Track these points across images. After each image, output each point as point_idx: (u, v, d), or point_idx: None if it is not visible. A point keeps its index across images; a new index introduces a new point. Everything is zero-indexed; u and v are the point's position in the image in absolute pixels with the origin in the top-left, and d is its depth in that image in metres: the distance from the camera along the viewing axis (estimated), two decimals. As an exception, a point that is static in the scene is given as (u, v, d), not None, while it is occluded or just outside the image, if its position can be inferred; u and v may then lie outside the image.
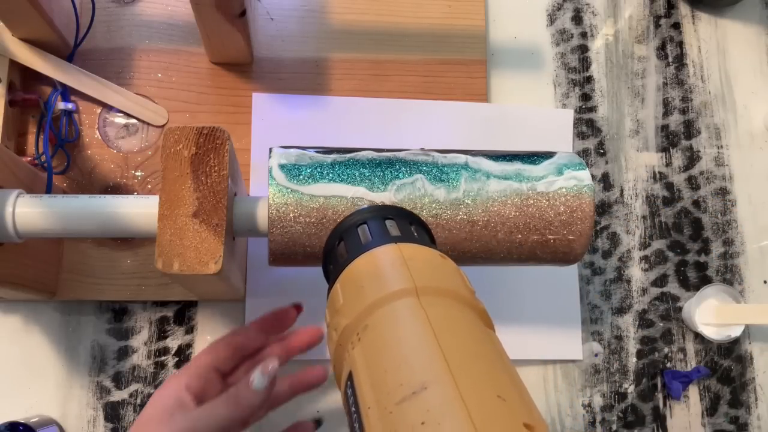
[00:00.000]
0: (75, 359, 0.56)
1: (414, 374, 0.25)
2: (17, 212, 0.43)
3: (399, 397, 0.24)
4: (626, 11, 0.70)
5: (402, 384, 0.24)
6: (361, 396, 0.26)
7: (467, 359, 0.26)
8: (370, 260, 0.33)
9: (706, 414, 0.62)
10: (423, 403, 0.23)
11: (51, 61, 0.56)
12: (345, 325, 0.30)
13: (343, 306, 0.31)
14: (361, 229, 0.36)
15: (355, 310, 0.30)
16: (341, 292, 0.32)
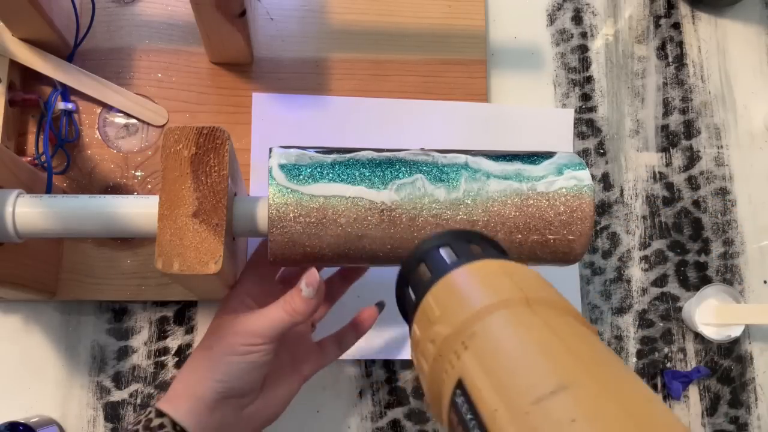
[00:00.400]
0: (75, 359, 0.56)
1: (549, 375, 0.23)
2: (17, 212, 0.43)
3: (534, 397, 0.22)
4: (626, 11, 0.70)
5: (536, 384, 0.23)
6: (481, 401, 0.24)
7: (600, 363, 0.25)
8: (468, 272, 0.31)
9: (706, 414, 0.62)
10: (568, 401, 0.22)
11: (51, 61, 0.56)
12: (446, 335, 0.28)
13: (440, 317, 0.29)
14: (445, 251, 0.34)
15: (458, 318, 0.28)
16: (435, 304, 0.31)
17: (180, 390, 0.43)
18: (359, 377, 0.58)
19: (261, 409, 0.45)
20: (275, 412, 0.46)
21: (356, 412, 0.58)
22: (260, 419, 0.45)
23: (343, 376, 0.58)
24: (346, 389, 0.58)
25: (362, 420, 0.58)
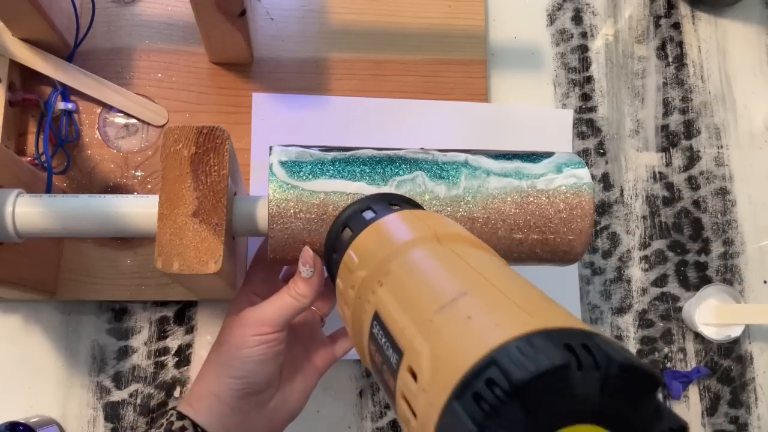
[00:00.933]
0: (75, 359, 0.56)
1: (451, 287, 0.25)
2: (17, 212, 0.43)
3: (437, 306, 0.24)
4: (626, 11, 0.70)
5: (439, 297, 0.25)
6: (392, 322, 0.26)
7: (501, 275, 0.26)
8: (383, 222, 0.34)
9: (706, 414, 0.62)
10: (466, 305, 0.23)
11: (51, 61, 0.56)
12: (364, 277, 0.30)
13: (359, 264, 0.31)
14: (366, 213, 0.37)
15: (374, 261, 0.30)
16: (355, 254, 0.33)
17: (199, 391, 0.43)
18: (359, 377, 0.58)
19: (281, 404, 0.45)
20: (296, 407, 0.46)
21: (356, 412, 0.58)
22: (282, 414, 0.45)
23: (343, 376, 0.58)
24: (346, 389, 0.58)
25: (362, 420, 0.58)
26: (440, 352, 0.22)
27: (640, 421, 0.20)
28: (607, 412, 0.19)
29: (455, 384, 0.20)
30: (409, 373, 0.23)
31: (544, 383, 0.19)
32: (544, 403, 0.19)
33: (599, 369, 0.19)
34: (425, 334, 0.24)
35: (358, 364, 0.58)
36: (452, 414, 0.20)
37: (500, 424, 0.19)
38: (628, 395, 0.19)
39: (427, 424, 0.21)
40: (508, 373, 0.19)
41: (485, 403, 0.19)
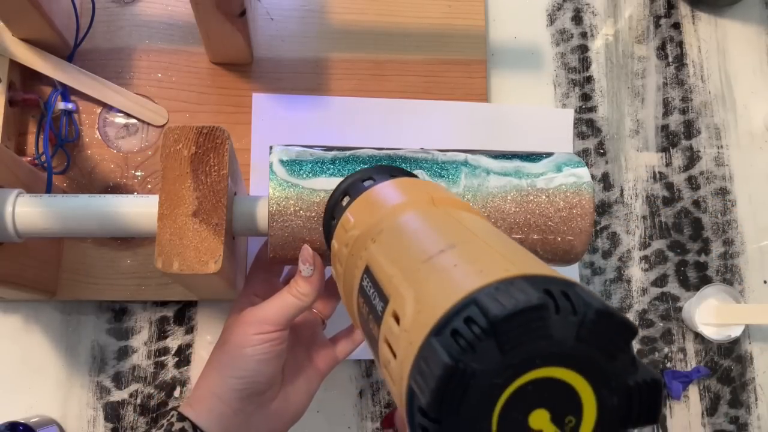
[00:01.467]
0: (75, 359, 0.56)
1: (440, 240, 0.26)
2: (17, 212, 0.43)
3: (426, 257, 0.25)
4: (626, 11, 0.70)
5: (427, 249, 0.25)
6: (381, 273, 0.27)
7: (492, 234, 0.27)
8: (380, 187, 0.34)
9: (706, 414, 0.62)
10: (453, 255, 0.24)
11: (51, 61, 0.56)
12: (358, 235, 0.31)
13: (354, 224, 0.32)
14: (366, 182, 0.38)
15: (369, 221, 0.31)
16: (351, 215, 0.33)
17: (200, 392, 0.43)
18: (359, 377, 0.58)
19: (283, 406, 0.45)
20: (298, 409, 0.46)
21: (356, 412, 0.58)
22: (284, 417, 0.45)
23: (343, 376, 0.58)
24: (346, 389, 0.58)
25: (362, 420, 0.58)
26: (424, 295, 0.23)
27: (615, 370, 0.20)
28: (582, 357, 0.20)
29: (435, 322, 0.21)
30: (393, 318, 0.24)
31: (520, 322, 0.19)
32: (520, 341, 0.19)
33: (576, 314, 0.20)
34: (411, 280, 0.24)
35: (358, 364, 0.58)
36: (430, 349, 0.20)
37: (475, 359, 0.19)
38: (603, 342, 0.20)
39: (406, 361, 0.21)
40: (487, 311, 0.19)
41: (462, 338, 0.19)
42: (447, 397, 0.19)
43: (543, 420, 0.20)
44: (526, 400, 0.20)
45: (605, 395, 0.20)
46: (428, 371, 0.19)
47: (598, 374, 0.20)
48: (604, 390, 0.20)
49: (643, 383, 0.20)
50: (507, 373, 0.19)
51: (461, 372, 0.19)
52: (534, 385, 0.20)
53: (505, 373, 0.19)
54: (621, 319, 0.20)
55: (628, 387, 0.20)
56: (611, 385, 0.20)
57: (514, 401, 0.19)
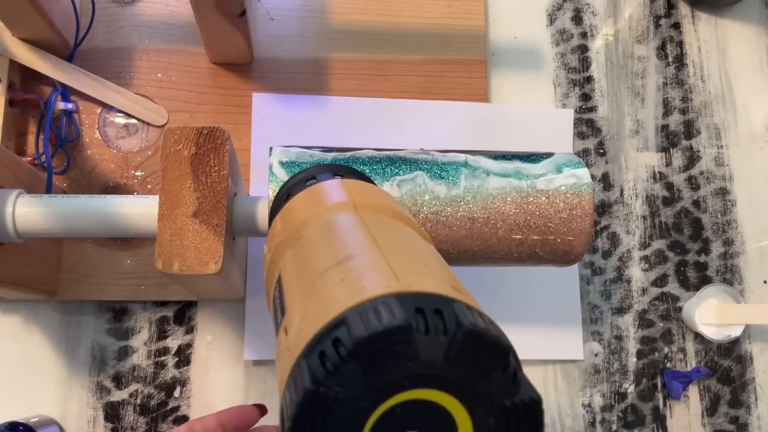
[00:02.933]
0: (75, 359, 0.56)
1: (340, 252, 0.25)
2: (17, 212, 0.43)
3: (322, 270, 0.24)
4: (626, 11, 0.70)
5: (326, 261, 0.24)
6: (286, 285, 0.26)
7: (398, 244, 0.26)
8: (311, 190, 0.34)
9: (706, 414, 0.62)
10: (345, 268, 0.23)
11: (51, 61, 0.56)
12: (279, 242, 0.30)
13: (280, 230, 0.31)
14: (309, 182, 0.37)
15: (292, 226, 0.30)
16: (280, 220, 0.32)
17: None
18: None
19: None
20: None
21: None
22: None
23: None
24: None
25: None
26: (309, 312, 0.22)
27: (490, 390, 0.19)
28: (453, 378, 0.19)
29: (307, 343, 0.20)
30: (284, 333, 0.23)
31: (383, 344, 0.18)
32: (384, 364, 0.19)
33: (446, 334, 0.19)
34: (303, 295, 0.23)
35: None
36: (298, 371, 0.19)
37: (340, 383, 0.18)
38: (474, 362, 0.19)
39: (282, 380, 0.20)
40: (352, 333, 0.19)
41: (328, 361, 0.19)
42: (308, 423, 0.18)
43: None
44: (396, 424, 0.19)
45: (480, 416, 0.19)
46: (293, 395, 0.19)
47: (472, 395, 0.19)
48: (479, 411, 0.19)
49: (521, 404, 0.20)
50: (372, 397, 0.19)
51: (322, 397, 0.18)
52: (403, 407, 0.19)
53: (370, 396, 0.19)
54: (492, 338, 0.19)
55: (505, 408, 0.19)
56: (485, 407, 0.19)
57: (383, 425, 0.19)
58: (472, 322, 0.19)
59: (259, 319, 0.56)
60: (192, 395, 0.56)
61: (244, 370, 0.57)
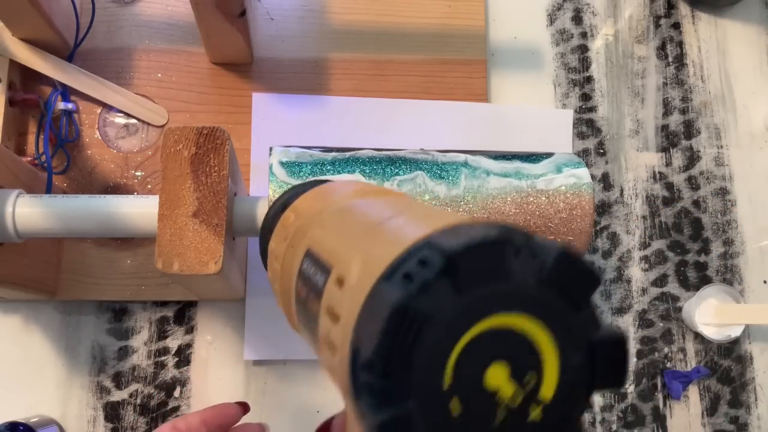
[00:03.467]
0: (75, 359, 0.56)
1: (383, 213, 0.24)
2: (17, 212, 0.43)
3: (373, 224, 0.23)
4: (626, 11, 0.70)
5: (370, 222, 0.24)
6: (323, 250, 0.25)
7: (428, 208, 0.26)
8: (324, 186, 0.33)
9: (706, 414, 0.62)
10: (402, 219, 0.22)
11: (51, 61, 0.56)
12: (299, 225, 0.29)
13: (295, 218, 0.31)
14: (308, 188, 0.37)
15: (312, 212, 0.29)
16: (292, 213, 0.32)
17: None
18: (359, 377, 0.58)
19: None
20: None
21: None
22: None
23: (343, 376, 0.58)
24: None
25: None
26: (372, 253, 0.20)
27: (578, 323, 0.18)
28: (544, 303, 0.18)
29: (384, 269, 0.18)
30: (335, 284, 0.22)
31: (478, 257, 0.17)
32: (478, 280, 0.17)
33: (536, 258, 0.18)
34: (356, 246, 0.22)
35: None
36: (377, 296, 0.18)
37: (429, 302, 0.17)
38: (566, 287, 0.18)
39: (350, 318, 0.19)
40: (441, 248, 0.17)
41: (415, 281, 0.17)
42: (396, 343, 0.17)
43: (501, 377, 0.18)
44: (483, 353, 0.18)
45: (568, 352, 0.18)
46: (376, 316, 0.17)
47: (561, 325, 0.18)
48: (567, 346, 0.18)
49: (608, 340, 0.19)
50: (464, 317, 0.17)
51: (413, 314, 0.17)
52: (492, 335, 0.18)
53: (462, 316, 0.17)
54: (586, 264, 0.18)
55: (592, 344, 0.18)
56: (574, 341, 0.18)
57: (470, 353, 0.17)
58: (563, 246, 0.19)
59: (259, 319, 0.56)
60: (192, 395, 0.56)
61: (244, 370, 0.57)
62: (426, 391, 0.17)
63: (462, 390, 0.17)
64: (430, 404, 0.17)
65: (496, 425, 0.18)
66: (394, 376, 0.17)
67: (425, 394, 0.17)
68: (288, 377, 0.57)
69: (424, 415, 0.17)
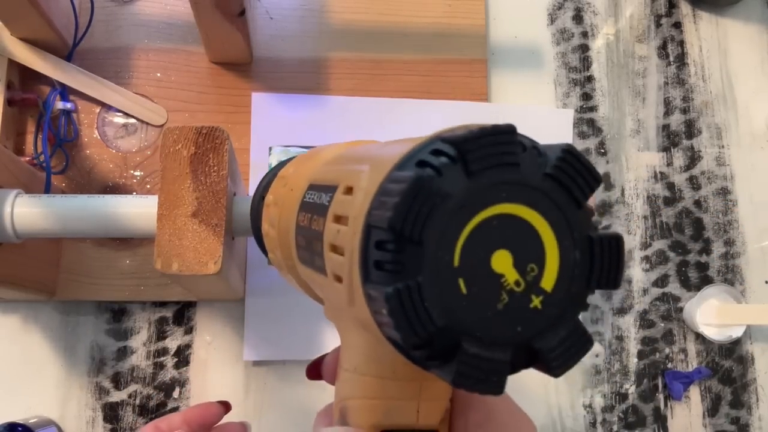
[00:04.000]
0: (74, 360, 0.55)
1: (383, 143, 0.26)
2: (16, 212, 0.42)
3: (376, 148, 0.25)
4: (627, 10, 0.69)
5: (372, 148, 0.25)
6: (328, 175, 0.26)
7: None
8: (302, 154, 0.34)
9: (708, 415, 0.61)
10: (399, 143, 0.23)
11: (50, 61, 0.56)
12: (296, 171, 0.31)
13: (294, 170, 0.32)
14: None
15: (301, 170, 0.31)
16: (291, 165, 0.33)
17: None
18: (359, 378, 0.58)
19: None
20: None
21: (356, 412, 0.58)
22: None
23: (343, 377, 0.58)
24: (346, 390, 0.58)
25: (362, 421, 0.57)
26: (381, 159, 0.21)
27: (578, 219, 0.19)
28: (548, 196, 0.19)
29: (397, 161, 0.19)
30: (344, 193, 0.22)
31: (489, 143, 0.18)
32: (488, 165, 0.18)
33: (543, 156, 0.19)
34: (363, 162, 0.23)
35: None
36: (392, 179, 0.19)
37: (442, 182, 0.18)
38: (569, 183, 0.19)
39: (362, 208, 0.20)
40: (455, 137, 0.18)
41: (429, 166, 0.18)
42: (410, 216, 0.18)
43: (505, 263, 0.19)
44: (490, 237, 0.19)
45: (567, 246, 0.19)
46: (393, 192, 0.18)
47: (562, 220, 0.19)
48: (567, 240, 0.19)
49: (605, 238, 0.20)
50: (473, 200, 0.18)
51: (427, 191, 0.18)
52: (500, 221, 0.19)
53: (473, 198, 0.18)
54: (588, 162, 0.20)
55: (591, 240, 0.20)
56: (574, 236, 0.19)
57: (479, 237, 0.18)
58: (568, 144, 0.19)
59: (258, 319, 0.56)
60: (191, 396, 0.56)
61: (244, 371, 0.57)
62: (437, 266, 0.18)
63: (470, 269, 0.18)
64: (441, 279, 0.18)
65: (500, 307, 0.19)
66: (407, 251, 0.18)
67: (436, 268, 0.18)
68: (288, 378, 0.57)
69: (434, 287, 0.18)
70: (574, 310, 0.20)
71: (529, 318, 0.19)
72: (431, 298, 0.18)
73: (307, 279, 0.28)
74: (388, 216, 0.18)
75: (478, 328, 0.19)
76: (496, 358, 0.19)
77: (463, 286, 0.18)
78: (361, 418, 0.24)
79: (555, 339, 0.19)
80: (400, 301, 0.18)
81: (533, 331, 0.19)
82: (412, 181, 0.18)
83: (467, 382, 0.18)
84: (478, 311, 0.19)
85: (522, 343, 0.19)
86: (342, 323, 0.26)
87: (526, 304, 0.19)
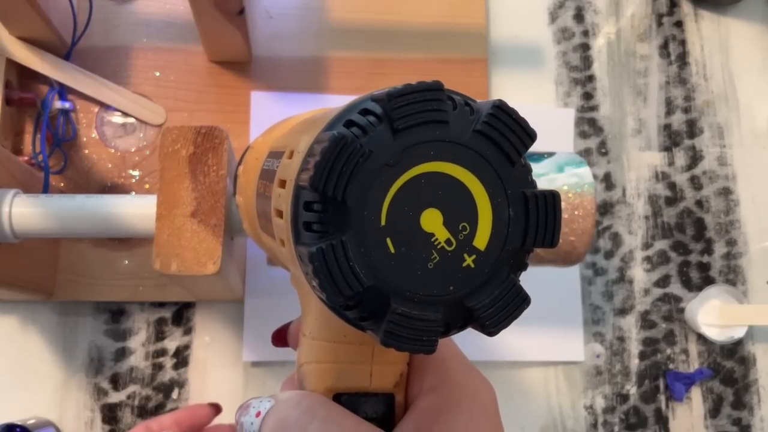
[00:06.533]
0: (72, 360, 0.55)
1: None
2: (14, 212, 0.42)
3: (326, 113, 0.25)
4: (628, 9, 0.69)
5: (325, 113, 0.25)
6: (281, 142, 0.27)
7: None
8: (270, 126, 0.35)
9: (709, 416, 0.61)
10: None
11: (48, 60, 0.56)
12: (263, 140, 0.32)
13: (260, 143, 0.33)
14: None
15: (268, 138, 0.31)
16: (251, 151, 0.33)
17: None
18: (359, 378, 0.58)
19: None
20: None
21: (356, 413, 0.57)
22: None
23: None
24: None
25: (362, 422, 0.57)
26: (321, 124, 0.21)
27: (512, 176, 0.19)
28: (478, 154, 0.19)
29: (328, 121, 0.19)
30: (288, 158, 0.22)
31: (415, 99, 0.18)
32: (414, 122, 0.18)
33: (474, 114, 0.19)
34: (311, 127, 0.23)
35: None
36: (319, 139, 0.19)
37: (367, 140, 0.18)
38: (500, 139, 0.19)
39: (295, 174, 0.20)
40: (381, 95, 0.18)
41: (356, 125, 0.18)
42: (333, 173, 0.18)
43: (435, 222, 0.19)
44: (419, 196, 0.18)
45: (500, 204, 0.19)
46: (315, 152, 0.18)
47: (495, 177, 0.19)
48: (499, 197, 0.19)
49: (540, 195, 0.19)
50: (399, 159, 0.18)
51: (351, 144, 0.18)
52: (428, 179, 0.18)
53: (398, 158, 0.18)
54: (521, 118, 0.19)
55: (525, 197, 0.19)
56: (506, 193, 0.19)
57: (406, 195, 0.18)
58: (499, 100, 0.19)
59: (258, 319, 0.56)
60: (190, 397, 0.55)
61: (243, 372, 0.56)
62: (362, 226, 0.18)
63: (398, 228, 0.18)
64: (367, 238, 0.18)
65: (431, 266, 0.19)
66: (332, 210, 0.18)
67: (361, 228, 0.18)
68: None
69: (360, 246, 0.18)
70: (510, 269, 0.20)
71: (461, 277, 0.19)
72: (357, 257, 0.18)
73: (270, 247, 0.28)
74: (309, 176, 0.18)
75: (407, 287, 0.19)
76: (426, 317, 0.19)
77: (391, 245, 0.18)
78: (315, 382, 0.24)
79: (488, 297, 0.19)
80: (324, 260, 0.18)
81: (465, 289, 0.19)
82: (332, 139, 0.18)
83: (396, 340, 0.18)
84: (407, 270, 0.18)
85: (454, 302, 0.19)
86: (300, 289, 0.26)
87: (459, 263, 0.19)
